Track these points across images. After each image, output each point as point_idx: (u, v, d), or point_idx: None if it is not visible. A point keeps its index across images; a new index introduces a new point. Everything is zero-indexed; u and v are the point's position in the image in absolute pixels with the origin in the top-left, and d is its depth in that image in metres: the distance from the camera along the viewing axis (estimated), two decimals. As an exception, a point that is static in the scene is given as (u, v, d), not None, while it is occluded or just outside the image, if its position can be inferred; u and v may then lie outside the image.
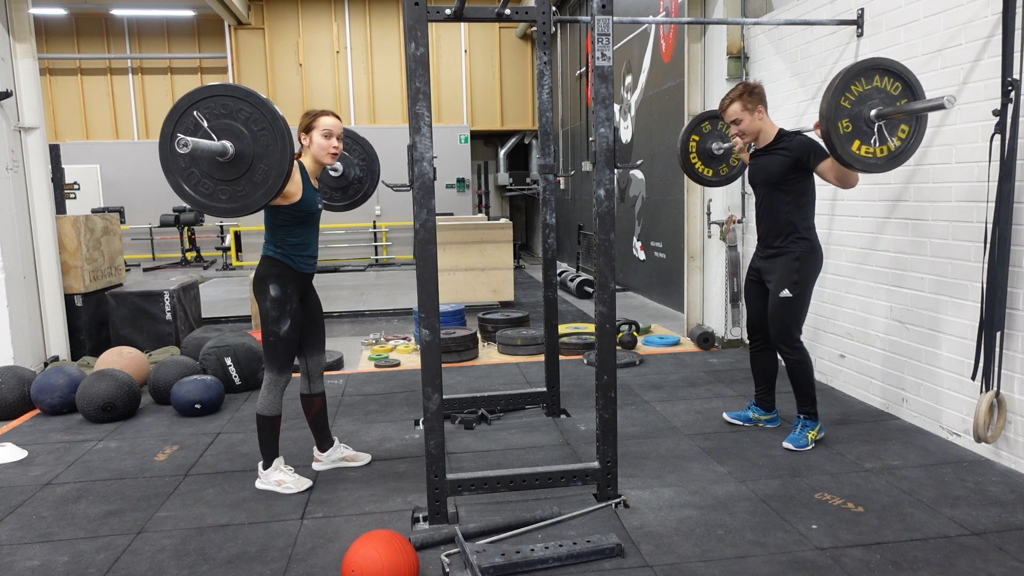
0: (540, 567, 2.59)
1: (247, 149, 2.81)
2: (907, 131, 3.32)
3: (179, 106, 2.80)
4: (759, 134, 3.70)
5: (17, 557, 2.81)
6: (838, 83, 3.20)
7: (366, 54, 14.87)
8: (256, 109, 2.81)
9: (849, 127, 3.24)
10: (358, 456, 3.64)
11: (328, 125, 3.25)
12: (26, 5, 5.55)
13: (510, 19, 4.11)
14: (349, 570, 2.39)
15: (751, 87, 3.66)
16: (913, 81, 3.26)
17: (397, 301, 9.01)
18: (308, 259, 3.34)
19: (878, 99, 3.25)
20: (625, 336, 5.99)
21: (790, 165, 3.58)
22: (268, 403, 3.28)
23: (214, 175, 2.83)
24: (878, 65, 3.26)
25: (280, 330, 3.23)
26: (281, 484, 3.33)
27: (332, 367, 5.68)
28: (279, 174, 2.84)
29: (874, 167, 3.32)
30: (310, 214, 3.27)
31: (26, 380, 4.73)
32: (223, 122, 2.79)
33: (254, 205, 2.89)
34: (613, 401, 3.08)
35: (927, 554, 2.63)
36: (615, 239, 3.01)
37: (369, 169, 3.88)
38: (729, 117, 3.70)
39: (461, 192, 14.42)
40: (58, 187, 6.54)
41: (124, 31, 14.98)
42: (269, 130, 2.81)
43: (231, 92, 2.81)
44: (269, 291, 3.21)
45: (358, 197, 3.90)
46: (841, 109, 3.21)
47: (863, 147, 3.27)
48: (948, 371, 3.75)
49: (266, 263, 3.25)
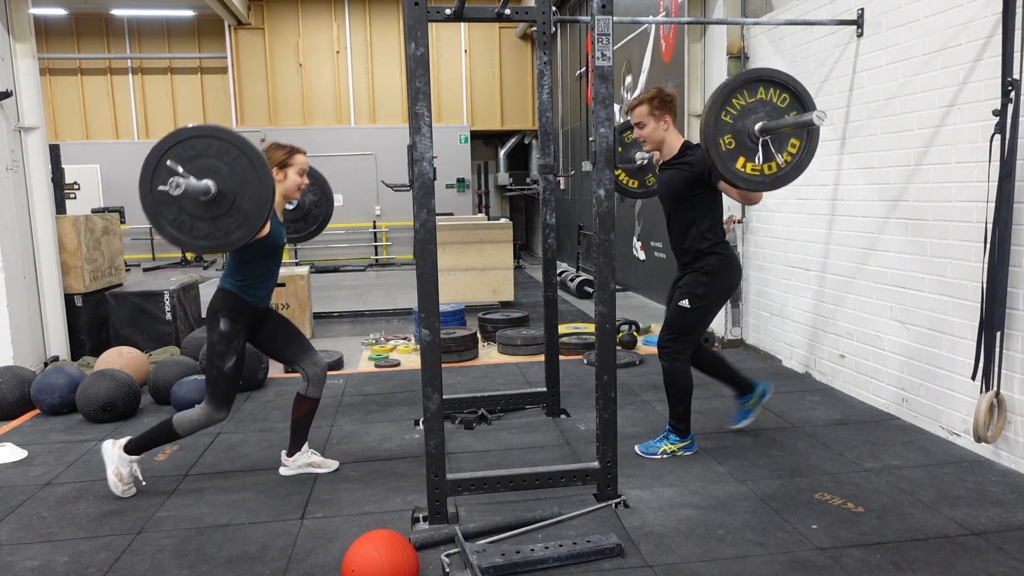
0: (540, 567, 2.59)
1: (227, 184, 2.80)
2: (797, 146, 3.09)
3: (150, 161, 2.79)
4: (662, 144, 3.52)
5: (17, 557, 2.81)
6: (718, 96, 3.00)
7: (366, 54, 14.86)
8: (224, 142, 2.80)
9: (732, 143, 3.02)
10: (325, 463, 3.59)
11: (303, 163, 3.31)
12: (26, 5, 5.55)
13: (510, 19, 4.11)
14: (349, 570, 2.39)
15: (664, 94, 3.47)
16: (801, 91, 3.06)
17: (397, 301, 9.01)
18: (266, 293, 3.35)
19: (763, 112, 3.03)
20: (625, 336, 5.99)
21: (692, 180, 3.40)
22: (189, 427, 3.26)
23: (200, 215, 2.83)
24: (762, 76, 3.07)
25: (224, 366, 3.20)
26: (120, 477, 3.29)
27: (332, 367, 5.68)
28: (266, 195, 2.83)
29: (759, 185, 3.12)
30: (277, 247, 3.29)
31: (26, 380, 4.73)
32: (198, 163, 2.79)
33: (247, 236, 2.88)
34: (613, 401, 3.08)
35: (927, 554, 2.63)
36: (615, 239, 3.01)
37: (322, 191, 3.88)
38: (634, 119, 3.52)
39: (461, 192, 14.41)
40: (58, 187, 6.54)
41: (124, 31, 14.97)
42: (243, 159, 2.81)
43: (196, 133, 2.81)
44: (219, 325, 3.19)
45: (320, 221, 3.90)
46: (722, 124, 3.00)
47: (748, 164, 3.05)
48: (948, 371, 3.75)
49: (221, 296, 3.24)
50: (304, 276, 7.09)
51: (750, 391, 3.89)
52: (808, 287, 5.02)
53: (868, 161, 4.34)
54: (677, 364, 3.55)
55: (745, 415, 3.95)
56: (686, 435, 3.64)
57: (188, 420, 3.26)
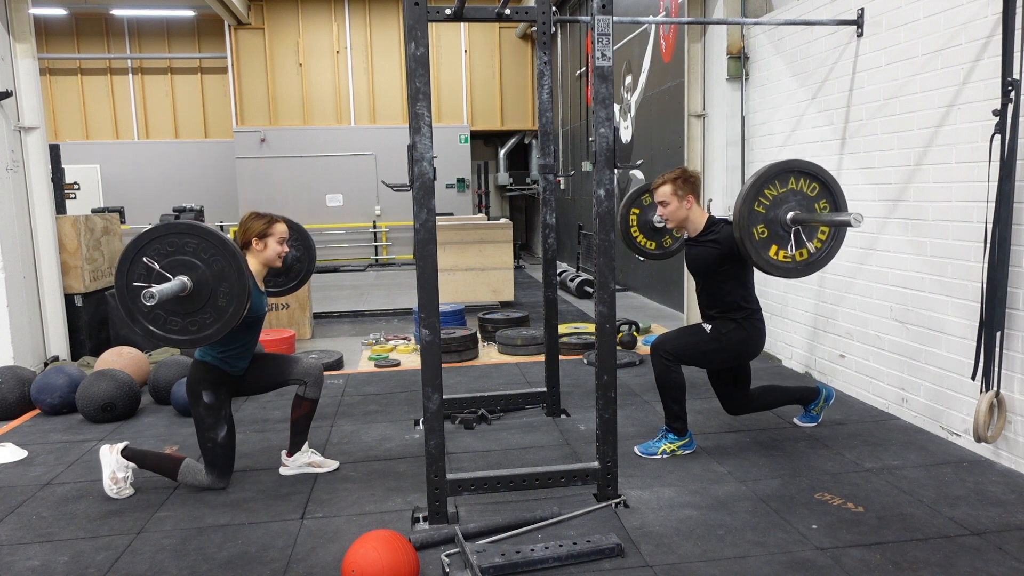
0: (540, 567, 2.59)
1: (203, 280, 2.87)
2: (827, 232, 3.21)
3: (127, 255, 2.87)
4: (685, 222, 3.58)
5: (17, 557, 2.81)
6: (749, 188, 3.09)
7: (366, 54, 14.86)
8: (202, 239, 2.87)
9: (765, 232, 3.14)
10: (325, 463, 3.59)
11: (283, 232, 3.35)
12: (26, 5, 5.55)
13: (510, 19, 4.11)
14: (349, 570, 2.39)
15: (688, 175, 3.54)
16: (829, 180, 3.18)
17: (397, 301, 9.01)
18: (246, 361, 3.37)
19: (794, 202, 3.14)
20: (625, 336, 5.99)
21: (722, 257, 3.47)
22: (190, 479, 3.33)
23: (177, 311, 2.90)
24: (792, 168, 3.16)
25: (217, 437, 3.27)
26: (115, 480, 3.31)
27: (332, 367, 5.69)
28: (241, 291, 2.90)
29: (792, 272, 3.22)
30: (257, 319, 3.32)
31: (26, 380, 4.73)
32: (175, 259, 2.86)
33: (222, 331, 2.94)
34: (613, 401, 3.08)
35: (927, 554, 2.63)
36: (615, 239, 3.01)
37: (305, 246, 3.92)
38: (658, 197, 3.58)
39: (461, 192, 14.41)
40: (58, 187, 6.54)
41: (124, 31, 14.97)
42: (220, 254, 2.88)
43: (173, 230, 2.88)
44: (203, 398, 3.23)
45: (301, 276, 3.96)
46: (755, 215, 3.11)
47: (780, 252, 3.17)
48: (948, 371, 3.75)
49: (200, 368, 3.27)
50: (304, 276, 7.09)
51: (815, 396, 4.00)
52: (808, 287, 5.01)
53: (868, 161, 4.34)
54: (668, 368, 3.55)
55: (813, 419, 4.04)
56: (684, 433, 3.64)
57: (192, 474, 3.33)
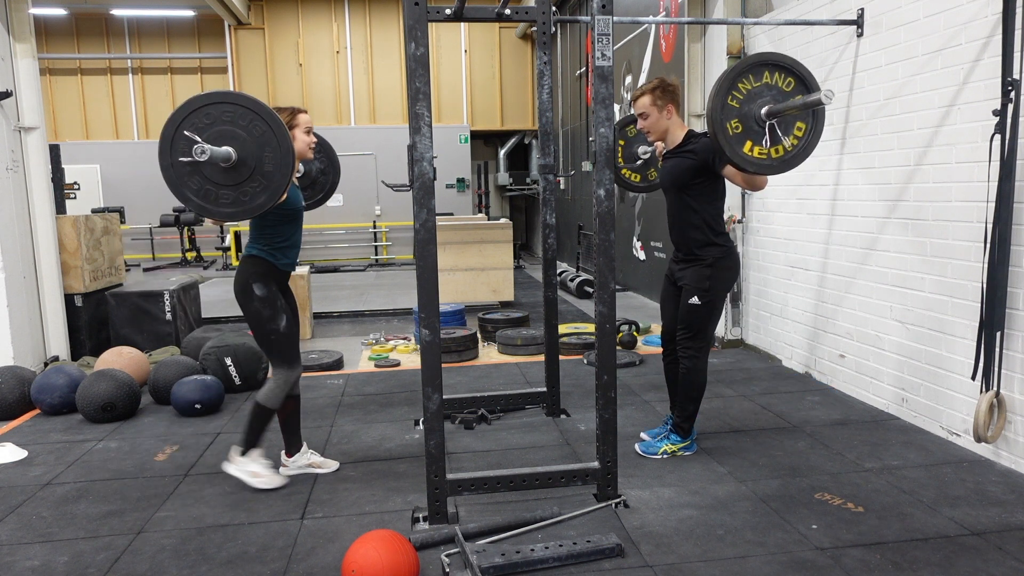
0: (540, 567, 2.59)
1: (247, 149, 2.81)
2: (804, 129, 3.13)
3: (167, 133, 2.78)
4: (666, 134, 3.54)
5: (17, 557, 2.81)
6: (724, 81, 3.03)
7: (366, 54, 14.86)
8: (237, 106, 2.80)
9: (739, 127, 3.07)
10: (325, 463, 3.59)
11: (308, 121, 3.29)
12: (26, 5, 5.55)
13: (510, 19, 4.10)
14: (349, 570, 2.39)
15: (666, 83, 3.49)
16: (805, 74, 3.10)
17: (397, 301, 9.01)
18: (292, 256, 3.34)
19: (769, 96, 3.07)
20: (625, 336, 5.99)
21: (696, 168, 3.41)
22: (274, 396, 3.29)
23: (226, 182, 2.83)
24: (767, 60, 3.11)
25: (280, 326, 3.24)
26: (256, 476, 3.33)
27: (332, 367, 5.69)
28: (286, 153, 2.82)
29: (768, 168, 3.16)
30: (296, 211, 3.29)
31: (26, 380, 4.73)
32: (214, 130, 2.79)
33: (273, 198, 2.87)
34: (613, 401, 3.08)
35: (927, 554, 2.63)
36: (615, 239, 3.01)
37: (328, 159, 3.86)
38: (637, 109, 3.53)
39: (461, 192, 14.41)
40: (58, 187, 6.54)
41: (124, 31, 14.97)
42: (260, 119, 2.81)
43: (209, 100, 2.80)
44: (255, 291, 3.19)
45: (327, 189, 3.89)
46: (729, 108, 3.05)
47: (755, 148, 3.10)
48: (948, 371, 3.75)
49: (249, 263, 3.24)
50: (304, 276, 7.10)
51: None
52: (808, 287, 5.02)
53: (868, 161, 4.33)
54: (699, 362, 3.56)
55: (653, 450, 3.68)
56: (688, 435, 3.64)
57: (270, 394, 3.28)
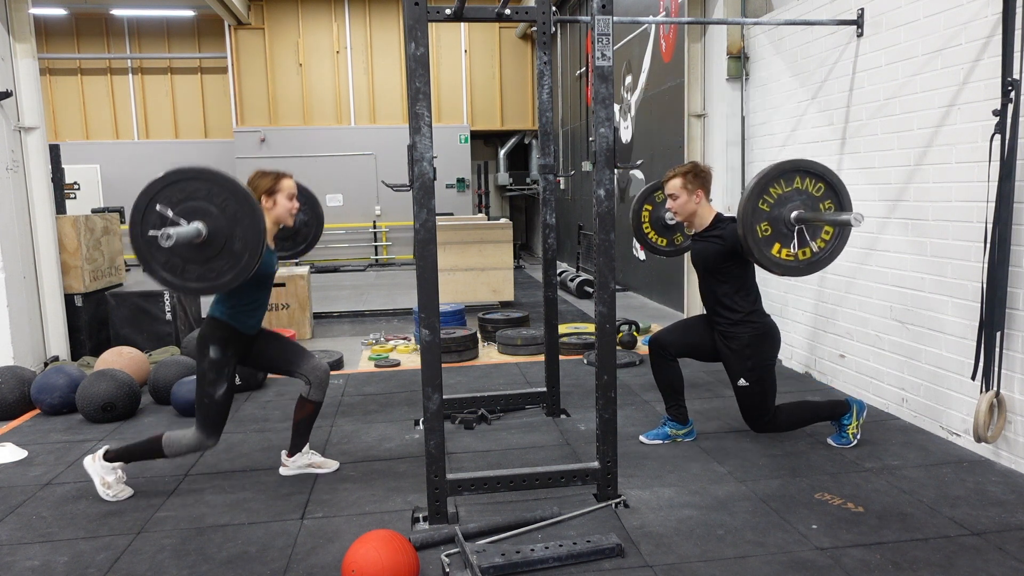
0: (540, 567, 2.59)
1: (218, 226, 2.80)
2: (831, 232, 3.23)
3: (139, 204, 2.77)
4: (693, 217, 3.62)
5: (17, 557, 2.81)
6: (756, 185, 3.13)
7: (366, 54, 14.85)
8: (212, 184, 2.80)
9: (768, 230, 3.17)
10: (326, 463, 3.58)
11: (292, 187, 3.30)
12: (26, 5, 5.55)
13: (510, 19, 4.10)
14: (349, 570, 2.39)
15: (700, 169, 3.58)
16: (835, 180, 3.20)
17: (397, 301, 9.01)
18: (257, 319, 3.33)
19: (799, 201, 3.16)
20: (625, 336, 5.99)
21: (725, 254, 3.50)
22: (178, 449, 3.25)
23: (194, 258, 2.82)
24: (798, 167, 3.19)
25: (216, 393, 3.19)
26: (106, 485, 3.28)
27: (332, 367, 5.68)
28: (256, 235, 2.82)
29: (794, 270, 3.24)
30: (268, 276, 3.29)
31: (26, 380, 4.73)
32: (188, 205, 2.79)
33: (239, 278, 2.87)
34: (613, 401, 3.08)
35: (927, 554, 2.63)
36: (615, 239, 3.01)
37: (313, 212, 3.90)
38: (668, 190, 3.62)
39: (461, 192, 14.41)
40: (58, 187, 6.55)
41: (124, 31, 14.96)
42: (233, 198, 2.81)
43: (183, 176, 2.80)
44: (209, 353, 3.18)
45: (309, 240, 3.92)
46: (759, 212, 3.14)
47: (783, 250, 3.19)
48: (948, 371, 3.75)
49: (211, 324, 3.22)
50: (304, 276, 7.09)
51: (685, 423, 3.85)
52: (808, 287, 5.01)
53: (868, 161, 4.33)
54: (776, 420, 3.65)
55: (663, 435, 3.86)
56: (847, 413, 3.67)
57: (177, 442, 3.25)
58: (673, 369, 3.78)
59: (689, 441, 3.83)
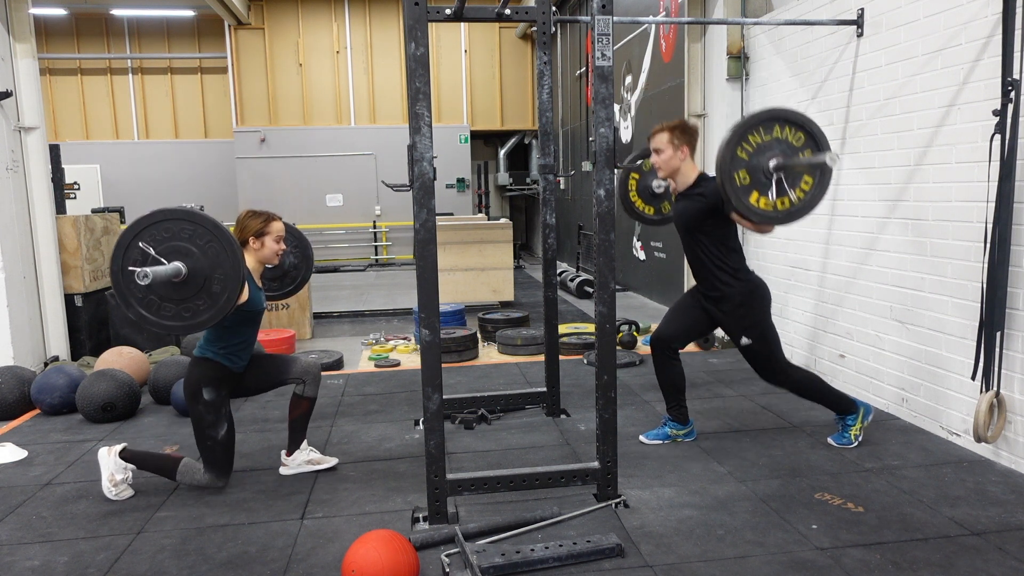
0: (540, 567, 2.59)
1: (198, 266, 2.85)
2: (811, 183, 3.21)
3: (123, 241, 2.83)
4: (677, 173, 3.59)
5: (17, 557, 2.81)
6: (735, 132, 3.12)
7: (366, 54, 14.85)
8: (197, 225, 2.85)
9: (747, 179, 3.14)
10: (324, 460, 3.59)
11: (280, 230, 3.35)
12: (26, 5, 5.55)
13: (510, 19, 4.10)
14: (349, 570, 2.39)
15: (687, 125, 3.57)
16: (816, 131, 3.18)
17: (397, 301, 9.01)
18: (248, 356, 3.37)
19: (778, 150, 3.15)
20: (625, 336, 5.99)
21: (706, 210, 3.48)
22: (188, 480, 3.31)
23: (171, 296, 2.86)
24: (778, 115, 3.18)
25: (218, 435, 3.25)
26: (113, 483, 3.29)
27: (332, 367, 5.69)
28: (235, 278, 2.87)
29: (772, 220, 3.24)
30: (256, 313, 3.32)
31: (26, 380, 4.73)
32: (170, 245, 2.83)
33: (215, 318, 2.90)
34: (613, 401, 3.08)
35: (927, 554, 2.63)
36: (615, 239, 3.01)
37: (303, 254, 3.94)
38: (654, 144, 3.59)
39: (461, 192, 14.41)
40: (58, 187, 6.54)
41: (124, 31, 14.96)
42: (216, 241, 2.85)
43: (169, 216, 2.85)
44: (203, 395, 3.21)
45: (297, 283, 3.97)
46: (738, 160, 3.13)
47: (761, 199, 3.17)
48: (948, 371, 3.75)
49: (202, 366, 3.25)
50: (304, 276, 7.09)
51: (685, 423, 3.85)
52: (808, 287, 5.02)
53: (868, 161, 4.33)
54: (790, 374, 3.64)
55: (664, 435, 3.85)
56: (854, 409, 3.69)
57: (191, 475, 3.30)
58: (676, 368, 3.78)
59: (689, 441, 3.83)
